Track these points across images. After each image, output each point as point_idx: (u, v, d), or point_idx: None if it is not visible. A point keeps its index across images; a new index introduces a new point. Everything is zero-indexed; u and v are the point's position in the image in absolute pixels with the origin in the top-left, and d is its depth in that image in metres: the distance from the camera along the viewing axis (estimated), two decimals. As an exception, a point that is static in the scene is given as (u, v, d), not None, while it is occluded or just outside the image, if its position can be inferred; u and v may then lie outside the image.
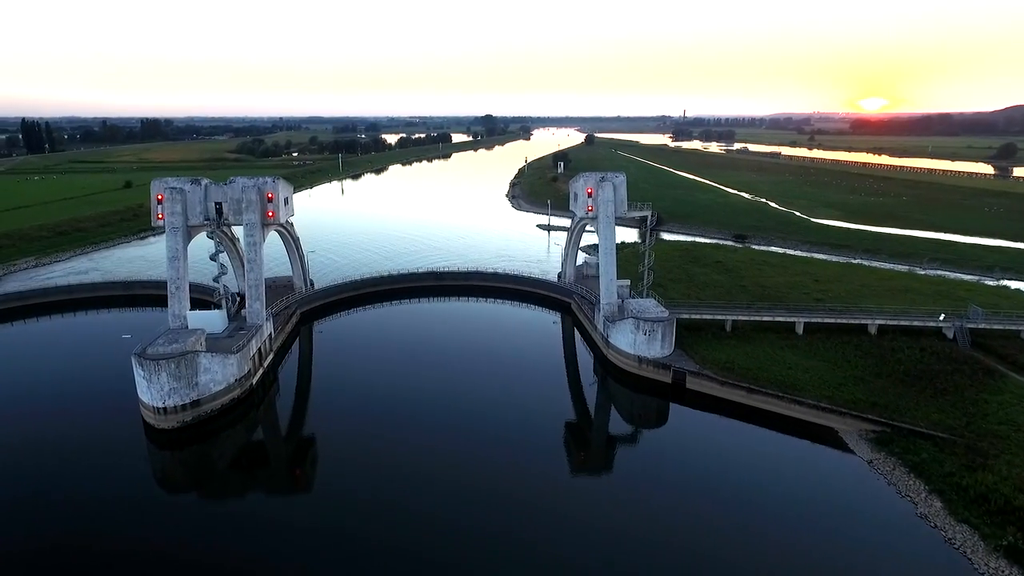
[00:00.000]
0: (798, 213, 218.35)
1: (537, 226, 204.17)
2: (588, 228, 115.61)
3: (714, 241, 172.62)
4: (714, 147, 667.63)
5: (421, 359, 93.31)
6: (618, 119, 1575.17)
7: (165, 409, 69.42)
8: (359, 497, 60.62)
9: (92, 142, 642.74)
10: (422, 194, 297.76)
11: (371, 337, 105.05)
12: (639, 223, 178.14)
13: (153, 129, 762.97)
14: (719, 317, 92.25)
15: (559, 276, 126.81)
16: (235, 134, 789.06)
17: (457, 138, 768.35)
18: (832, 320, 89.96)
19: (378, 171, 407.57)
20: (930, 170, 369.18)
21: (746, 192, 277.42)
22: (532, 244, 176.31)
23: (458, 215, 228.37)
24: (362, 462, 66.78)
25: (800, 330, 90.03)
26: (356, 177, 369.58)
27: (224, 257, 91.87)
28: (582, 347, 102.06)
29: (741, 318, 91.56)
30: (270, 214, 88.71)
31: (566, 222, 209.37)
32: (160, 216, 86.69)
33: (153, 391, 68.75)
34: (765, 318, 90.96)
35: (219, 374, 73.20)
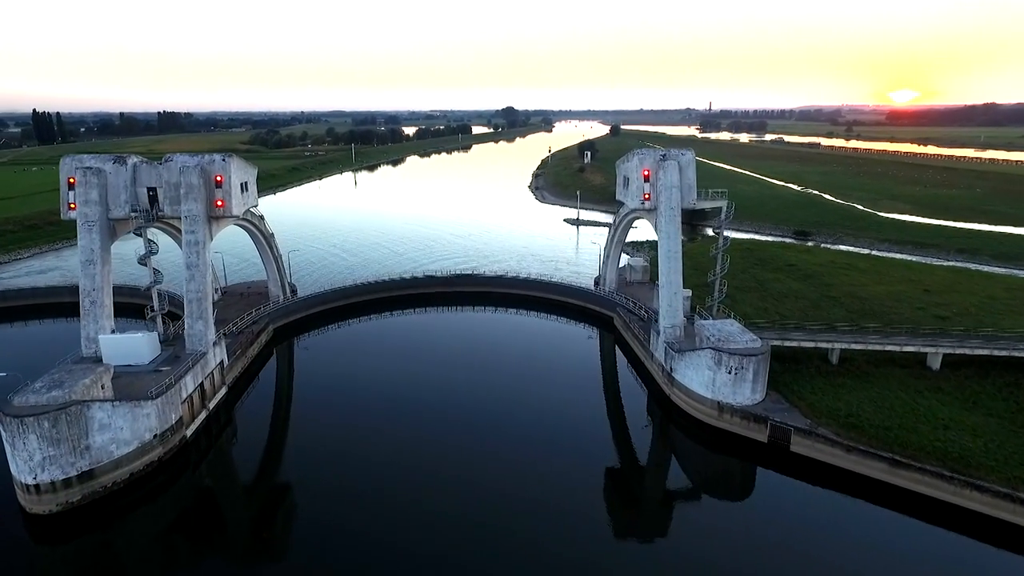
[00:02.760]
0: (860, 207, 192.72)
1: (564, 220, 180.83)
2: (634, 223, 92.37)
3: (775, 239, 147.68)
4: (744, 138, 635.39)
5: (425, 385, 74.00)
6: (641, 112, 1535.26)
7: (38, 487, 47.62)
8: (349, 564, 45.80)
9: (108, 134, 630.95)
10: (438, 185, 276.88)
11: (363, 358, 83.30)
12: (690, 216, 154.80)
13: (170, 121, 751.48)
14: (822, 345, 68.01)
15: (596, 282, 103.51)
16: (253, 127, 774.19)
17: (477, 130, 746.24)
18: (986, 352, 65.12)
19: (394, 162, 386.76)
20: (993, 160, 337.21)
21: (793, 183, 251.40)
22: (559, 241, 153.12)
23: (476, 208, 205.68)
24: (352, 518, 50.82)
25: (936, 364, 65.66)
26: (372, 169, 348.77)
27: (161, 260, 70.11)
28: (629, 375, 79.21)
29: (853, 346, 67.15)
30: (219, 203, 66.53)
31: (597, 216, 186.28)
32: (72, 206, 65.05)
33: (20, 461, 47.02)
34: (889, 347, 66.42)
35: (126, 430, 51.33)
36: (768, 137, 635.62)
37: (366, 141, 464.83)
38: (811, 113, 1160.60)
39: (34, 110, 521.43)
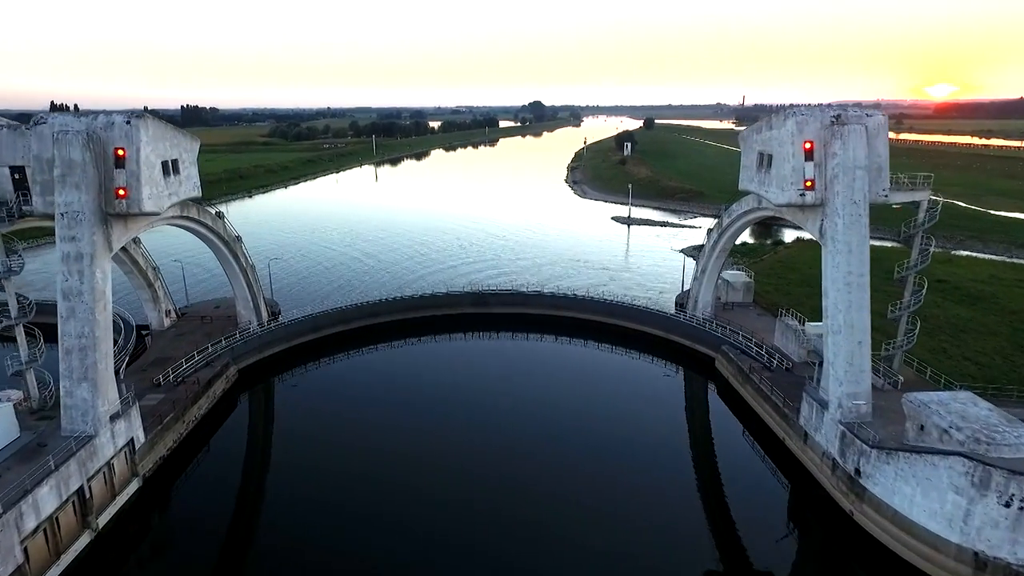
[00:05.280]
0: (962, 203, 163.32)
1: (612, 219, 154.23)
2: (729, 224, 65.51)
3: (877, 242, 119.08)
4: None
5: (445, 444, 52.24)
6: (670, 107, 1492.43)
7: None
8: None
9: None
10: (466, 179, 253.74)
11: (366, 405, 58.88)
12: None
13: (193, 115, 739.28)
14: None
15: (678, 303, 77.08)
16: (277, 121, 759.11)
17: (504, 124, 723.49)
18: None
19: (418, 156, 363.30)
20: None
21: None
22: (609, 244, 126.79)
23: (509, 204, 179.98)
24: None
25: None
26: (394, 162, 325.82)
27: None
28: (747, 448, 53.26)
29: None
30: (120, 192, 41.48)
31: (650, 214, 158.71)
32: None
33: None
34: None
35: None
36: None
37: (389, 134, 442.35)
38: (850, 107, 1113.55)
39: (52, 102, 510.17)
